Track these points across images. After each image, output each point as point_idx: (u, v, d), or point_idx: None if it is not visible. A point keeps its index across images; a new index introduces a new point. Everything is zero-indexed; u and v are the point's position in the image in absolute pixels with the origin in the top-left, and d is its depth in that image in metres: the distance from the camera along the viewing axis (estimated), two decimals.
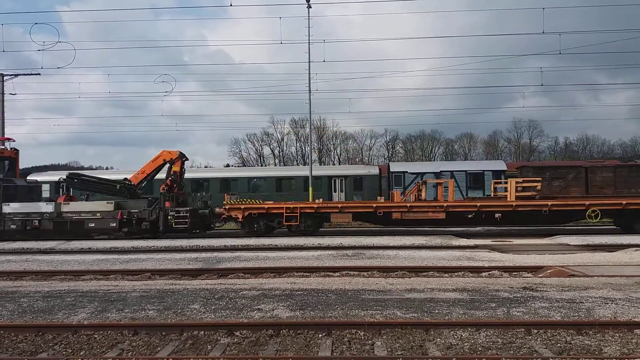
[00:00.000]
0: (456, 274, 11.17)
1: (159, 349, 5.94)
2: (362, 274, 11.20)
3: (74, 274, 12.10)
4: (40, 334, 6.46)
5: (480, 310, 7.19)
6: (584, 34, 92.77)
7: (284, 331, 6.33)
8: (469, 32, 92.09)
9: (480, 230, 21.96)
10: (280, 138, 68.14)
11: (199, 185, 30.13)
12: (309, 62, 26.39)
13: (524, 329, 6.23)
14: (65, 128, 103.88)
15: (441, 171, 29.24)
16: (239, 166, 62.01)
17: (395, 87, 77.37)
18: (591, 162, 34.06)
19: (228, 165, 63.17)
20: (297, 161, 65.67)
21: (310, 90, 26.80)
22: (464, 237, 18.18)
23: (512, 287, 8.82)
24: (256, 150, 68.22)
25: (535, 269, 11.48)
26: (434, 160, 59.93)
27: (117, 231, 19.56)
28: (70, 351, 5.93)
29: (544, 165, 34.36)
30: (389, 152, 68.34)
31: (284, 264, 12.65)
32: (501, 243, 16.72)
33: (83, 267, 13.05)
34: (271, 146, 68.16)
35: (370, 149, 68.62)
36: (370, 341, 5.99)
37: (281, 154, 68.24)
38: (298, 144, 67.56)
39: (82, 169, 61.60)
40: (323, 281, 9.91)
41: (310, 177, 26.79)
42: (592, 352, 5.53)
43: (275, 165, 63.82)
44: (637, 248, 14.35)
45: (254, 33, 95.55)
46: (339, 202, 20.06)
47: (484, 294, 8.27)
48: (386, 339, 6.03)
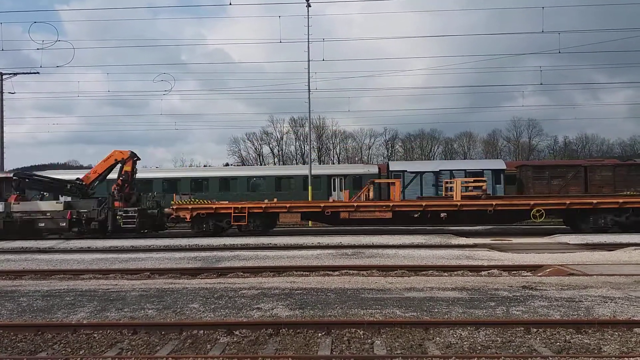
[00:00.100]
0: (455, 272, 11.18)
1: (158, 348, 5.94)
2: (362, 273, 11.21)
3: (73, 273, 12.09)
4: (40, 333, 6.46)
5: (480, 309, 7.20)
6: (583, 33, 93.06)
7: (284, 330, 6.33)
8: (468, 31, 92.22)
9: (480, 229, 22.00)
10: (279, 137, 68.20)
11: (198, 185, 30.15)
12: (309, 61, 26.46)
13: (523, 328, 6.24)
14: (64, 127, 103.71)
15: (440, 170, 29.21)
16: (238, 165, 62.01)
17: (395, 86, 77.41)
18: (590, 161, 34.08)
19: (227, 165, 63.21)
20: (296, 160, 65.70)
21: (309, 89, 26.86)
22: (463, 235, 18.20)
23: (511, 286, 8.83)
24: (255, 149, 68.31)
25: (534, 268, 11.50)
26: (433, 159, 59.92)
27: (67, 231, 19.63)
28: (69, 350, 5.93)
29: (543, 164, 34.40)
30: (388, 151, 68.40)
31: (284, 263, 12.66)
32: (500, 242, 16.75)
33: (82, 266, 13.04)
34: (270, 145, 68.24)
35: (370, 148, 68.69)
36: (369, 340, 5.99)
37: (280, 153, 68.30)
38: (297, 143, 67.64)
39: (81, 168, 61.60)
40: (322, 280, 9.91)
41: (309, 176, 26.82)
42: (592, 350, 5.53)
43: (275, 164, 63.81)
44: (637, 247, 14.38)
45: (253, 32, 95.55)
46: (287, 202, 20.44)
47: (483, 293, 8.27)
48: (386, 338, 6.03)
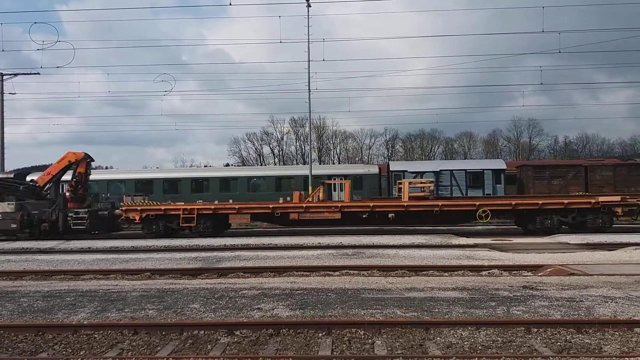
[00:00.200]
0: (456, 272, 11.18)
1: (159, 348, 5.94)
2: (362, 273, 11.20)
3: (74, 273, 12.10)
4: (40, 333, 6.46)
5: (480, 309, 7.20)
6: (584, 33, 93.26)
7: (284, 330, 6.33)
8: (468, 31, 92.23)
9: (480, 229, 21.99)
10: (279, 137, 68.28)
11: (199, 185, 30.17)
12: (309, 61, 26.42)
13: (523, 328, 6.23)
14: (64, 127, 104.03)
15: (440, 170, 29.22)
16: (238, 165, 62.02)
17: (395, 86, 77.42)
18: (591, 160, 34.12)
19: (228, 165, 63.23)
20: (296, 160, 65.74)
21: (309, 89, 26.82)
22: (463, 235, 18.19)
23: (512, 286, 8.83)
24: (256, 149, 68.38)
25: (535, 268, 11.49)
26: (434, 159, 59.92)
27: (18, 232, 19.67)
28: (70, 351, 5.93)
29: (543, 164, 34.43)
30: (388, 151, 68.47)
31: (284, 263, 12.65)
32: (501, 242, 16.74)
33: (83, 266, 13.05)
34: (271, 145, 68.31)
35: (370, 148, 68.77)
36: (370, 340, 5.99)
37: (281, 153, 68.35)
38: (298, 143, 67.70)
39: None
40: (323, 280, 9.91)
41: (310, 177, 26.81)
42: (592, 350, 5.53)
43: (275, 164, 63.83)
44: (637, 247, 14.37)
45: (253, 32, 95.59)
46: (236, 203, 20.58)
47: (483, 293, 8.27)
48: (386, 338, 6.03)
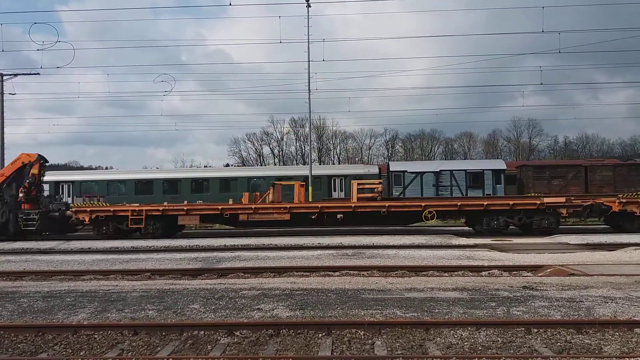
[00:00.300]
0: (456, 273, 11.17)
1: (159, 349, 5.94)
2: (362, 273, 11.20)
3: (74, 274, 12.09)
4: (40, 334, 6.45)
5: (480, 310, 7.19)
6: (583, 33, 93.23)
7: (284, 331, 6.33)
8: (468, 31, 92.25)
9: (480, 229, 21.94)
10: (279, 137, 68.27)
11: (199, 186, 30.16)
12: (309, 61, 26.43)
13: (524, 328, 6.23)
14: (64, 128, 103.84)
15: (440, 170, 29.22)
16: (238, 166, 62.03)
17: (395, 86, 77.59)
18: (591, 161, 34.13)
19: (228, 165, 63.21)
20: (296, 161, 65.73)
21: (309, 90, 26.83)
22: (463, 236, 18.20)
23: (512, 286, 8.82)
24: (256, 149, 68.38)
25: (535, 268, 11.49)
26: (434, 160, 59.93)
27: None
28: (70, 351, 5.93)
29: (543, 164, 34.42)
30: (388, 152, 68.47)
31: (284, 264, 12.65)
32: (501, 242, 16.74)
33: (83, 267, 13.04)
34: (271, 146, 68.30)
35: (370, 148, 68.78)
36: (370, 341, 5.99)
37: (281, 153, 68.33)
38: (298, 144, 67.69)
39: (81, 168, 61.66)
40: (323, 281, 9.91)
41: (310, 177, 26.82)
42: (592, 351, 5.52)
43: (275, 164, 63.84)
44: (637, 247, 14.37)
45: (253, 32, 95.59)
46: (185, 204, 20.62)
47: (483, 293, 8.27)
48: (386, 339, 6.03)
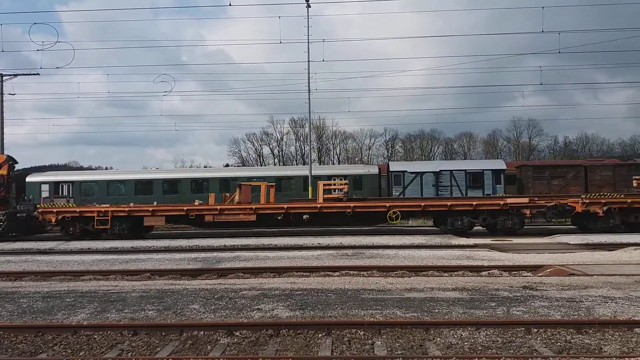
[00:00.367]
0: (456, 273, 11.17)
1: (158, 349, 5.94)
2: (362, 273, 11.20)
3: (74, 274, 12.09)
4: (40, 334, 6.45)
5: (480, 310, 7.19)
6: (583, 33, 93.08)
7: (284, 331, 6.33)
8: (468, 31, 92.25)
9: (480, 229, 21.96)
10: (279, 138, 68.16)
11: (199, 186, 30.13)
12: (308, 61, 26.41)
13: (523, 328, 6.23)
14: (64, 128, 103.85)
15: (440, 170, 29.20)
16: (238, 166, 62.00)
17: (395, 86, 77.36)
18: (590, 160, 34.09)
19: (227, 165, 63.19)
20: (296, 161, 65.67)
21: (309, 90, 26.82)
22: (463, 236, 18.19)
23: (511, 286, 8.82)
24: (255, 150, 68.28)
25: (535, 268, 11.49)
26: (434, 160, 59.91)
27: None
28: (70, 352, 5.93)
29: (543, 164, 34.42)
30: (388, 152, 68.39)
31: (284, 264, 12.65)
32: (501, 242, 16.74)
33: (82, 267, 13.04)
34: (270, 146, 68.20)
35: (370, 149, 68.67)
36: (370, 341, 5.99)
37: (280, 153, 68.26)
38: (297, 144, 67.59)
39: (81, 169, 61.62)
40: (323, 281, 9.91)
41: (309, 177, 26.80)
42: (592, 351, 5.53)
43: (275, 164, 63.81)
44: (637, 247, 14.38)
45: (253, 32, 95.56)
46: (150, 205, 20.78)
47: (483, 293, 8.27)
48: (386, 339, 6.03)
